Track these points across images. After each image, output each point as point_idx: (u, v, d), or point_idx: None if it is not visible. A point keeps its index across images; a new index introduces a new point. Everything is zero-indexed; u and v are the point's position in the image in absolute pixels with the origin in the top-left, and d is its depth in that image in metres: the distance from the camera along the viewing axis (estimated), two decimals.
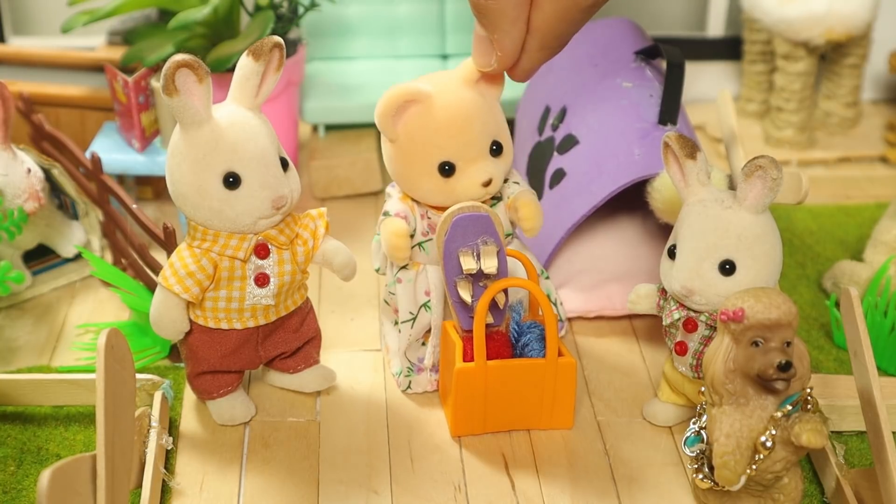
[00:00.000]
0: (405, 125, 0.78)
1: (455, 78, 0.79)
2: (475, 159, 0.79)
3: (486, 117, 0.79)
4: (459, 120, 0.78)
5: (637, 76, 0.98)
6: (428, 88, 0.78)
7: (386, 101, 0.77)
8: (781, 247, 0.76)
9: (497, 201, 0.83)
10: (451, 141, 0.78)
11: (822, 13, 1.17)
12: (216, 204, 0.73)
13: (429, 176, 0.79)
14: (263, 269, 0.77)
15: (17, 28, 1.37)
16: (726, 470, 0.69)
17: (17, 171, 0.91)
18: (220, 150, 0.72)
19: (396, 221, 0.81)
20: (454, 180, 0.79)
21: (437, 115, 0.78)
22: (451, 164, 0.79)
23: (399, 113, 0.78)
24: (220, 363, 0.80)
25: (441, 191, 0.80)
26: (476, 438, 0.82)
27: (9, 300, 0.96)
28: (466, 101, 0.78)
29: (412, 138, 0.79)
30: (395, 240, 0.80)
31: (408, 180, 0.81)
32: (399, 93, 0.77)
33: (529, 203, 0.83)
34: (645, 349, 0.93)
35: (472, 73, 0.79)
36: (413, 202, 0.82)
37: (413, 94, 0.77)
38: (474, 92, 0.79)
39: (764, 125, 1.29)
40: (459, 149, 0.78)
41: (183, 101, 0.71)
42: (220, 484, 0.77)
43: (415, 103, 0.78)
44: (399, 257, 0.81)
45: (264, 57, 0.74)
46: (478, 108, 0.79)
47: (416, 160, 0.79)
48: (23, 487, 0.76)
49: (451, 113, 0.78)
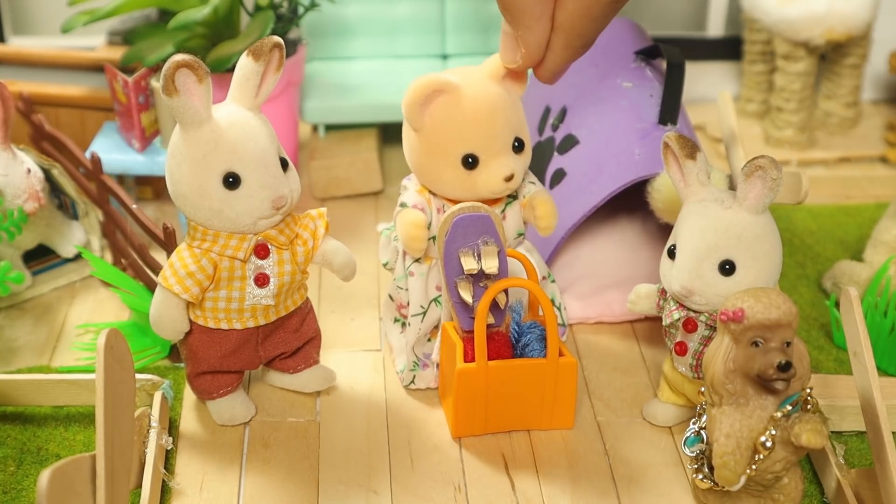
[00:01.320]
0: (431, 115, 0.79)
1: (482, 72, 0.80)
2: (498, 154, 0.79)
3: (510, 112, 0.80)
4: (486, 113, 0.78)
5: (637, 76, 0.98)
6: (456, 80, 0.78)
7: (415, 90, 0.78)
8: (781, 247, 0.76)
9: (513, 199, 0.84)
10: (477, 133, 0.78)
11: (822, 13, 1.17)
12: (216, 204, 0.73)
13: (452, 167, 0.79)
14: (263, 269, 0.77)
15: (17, 28, 1.37)
16: (726, 470, 0.69)
17: (17, 172, 0.91)
18: (220, 151, 0.72)
19: (414, 213, 0.81)
20: (476, 173, 0.79)
21: (464, 107, 0.78)
22: (474, 156, 0.79)
23: (427, 102, 0.78)
24: (220, 363, 0.80)
25: (463, 183, 0.80)
26: (476, 439, 0.82)
27: (9, 300, 0.96)
28: (493, 94, 0.79)
29: (438, 128, 0.79)
30: (414, 231, 0.80)
31: (429, 171, 0.81)
32: (427, 83, 0.77)
33: (546, 202, 0.83)
34: (645, 349, 0.93)
35: (498, 69, 0.79)
36: (430, 195, 0.82)
37: (442, 85, 0.78)
38: (500, 87, 0.79)
39: (764, 125, 1.29)
40: (484, 142, 0.79)
41: (183, 102, 0.71)
42: (220, 484, 0.77)
43: (443, 93, 0.78)
44: (417, 248, 0.81)
45: (264, 57, 0.74)
46: (503, 103, 0.79)
47: (440, 151, 0.79)
48: (23, 487, 0.76)
49: (478, 105, 0.78)
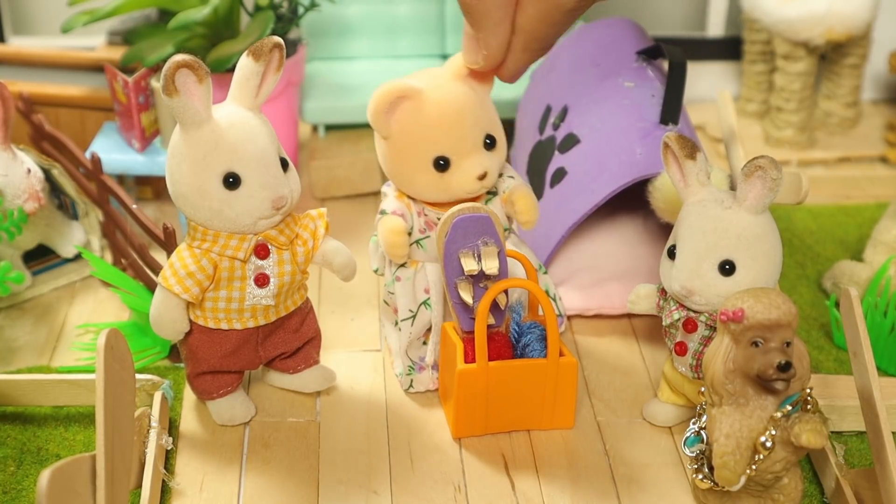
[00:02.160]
0: (398, 122, 0.79)
1: (445, 73, 0.80)
2: (469, 153, 0.79)
3: (478, 111, 0.79)
4: (452, 114, 0.78)
5: (639, 76, 0.98)
6: (418, 84, 0.78)
7: (377, 99, 0.78)
8: (781, 247, 0.76)
9: (492, 195, 0.83)
10: (445, 135, 0.78)
11: (822, 13, 1.17)
12: (216, 204, 0.73)
13: (424, 171, 0.79)
14: (263, 269, 0.77)
15: (17, 28, 1.37)
16: (726, 470, 0.69)
17: (17, 172, 0.91)
18: (221, 151, 0.72)
19: (393, 219, 0.81)
20: (449, 175, 0.79)
21: (429, 111, 0.78)
22: (445, 158, 0.79)
23: (391, 110, 0.78)
24: (220, 363, 0.80)
25: (436, 186, 0.80)
26: (476, 439, 0.82)
27: (9, 300, 0.96)
28: (458, 95, 0.79)
29: (405, 134, 0.79)
30: (393, 237, 0.80)
31: (403, 177, 0.81)
32: (389, 90, 0.77)
33: (525, 196, 0.83)
34: (645, 349, 0.93)
35: (461, 69, 0.79)
36: (409, 199, 0.82)
37: (403, 91, 0.77)
38: (465, 86, 0.79)
39: (764, 125, 1.29)
40: (453, 143, 0.79)
41: (183, 102, 0.71)
42: (220, 484, 0.77)
43: (406, 99, 0.78)
44: (398, 255, 0.81)
45: (264, 57, 0.73)
46: (469, 102, 0.79)
47: (411, 156, 0.79)
48: (23, 487, 0.76)
49: (443, 108, 0.78)
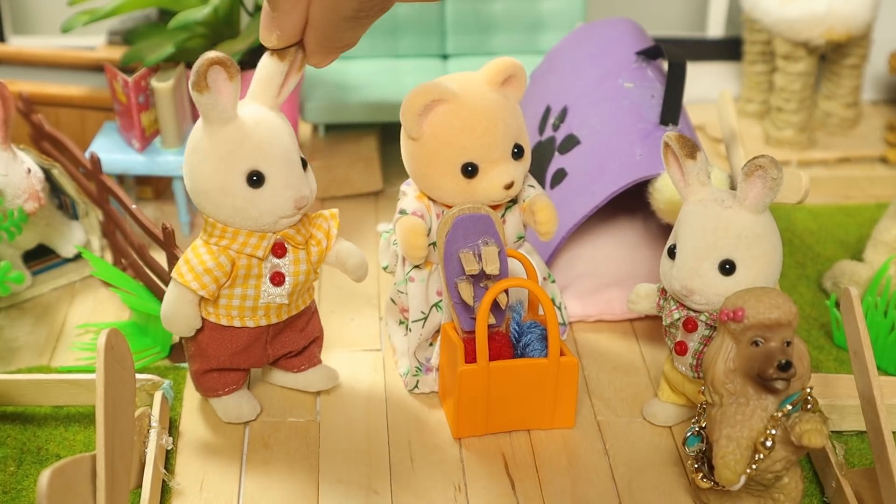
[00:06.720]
0: (431, 124, 0.78)
1: (480, 79, 0.79)
2: (498, 161, 0.79)
3: (509, 119, 0.79)
4: (485, 121, 0.78)
5: (638, 76, 0.98)
6: (454, 88, 0.77)
7: (412, 99, 0.77)
8: (781, 247, 0.76)
9: (512, 204, 0.83)
10: (477, 142, 0.78)
11: (822, 13, 1.17)
12: (240, 202, 0.73)
13: (451, 176, 0.79)
14: (279, 267, 0.77)
15: (17, 28, 1.37)
16: (726, 470, 0.69)
17: (17, 171, 0.91)
18: (246, 149, 0.72)
19: (414, 220, 0.81)
20: (476, 181, 0.79)
21: (463, 116, 0.77)
22: (474, 165, 0.78)
23: (425, 112, 0.77)
24: (229, 361, 0.80)
25: (462, 192, 0.79)
26: (476, 439, 0.82)
27: (9, 300, 0.96)
28: (492, 103, 0.78)
29: (436, 138, 0.78)
30: (414, 238, 0.80)
31: (428, 179, 0.80)
32: (426, 91, 0.77)
33: (546, 207, 0.82)
34: (645, 349, 0.93)
35: (495, 76, 0.78)
36: (429, 201, 0.82)
37: (441, 94, 0.77)
38: (499, 94, 0.79)
39: (764, 125, 1.29)
40: (484, 150, 0.78)
41: (212, 98, 0.70)
42: (220, 484, 0.77)
43: (442, 103, 0.77)
44: (416, 256, 0.81)
45: (289, 57, 0.73)
46: (502, 111, 0.78)
47: (439, 160, 0.79)
48: (23, 487, 0.76)
49: (477, 114, 0.77)
